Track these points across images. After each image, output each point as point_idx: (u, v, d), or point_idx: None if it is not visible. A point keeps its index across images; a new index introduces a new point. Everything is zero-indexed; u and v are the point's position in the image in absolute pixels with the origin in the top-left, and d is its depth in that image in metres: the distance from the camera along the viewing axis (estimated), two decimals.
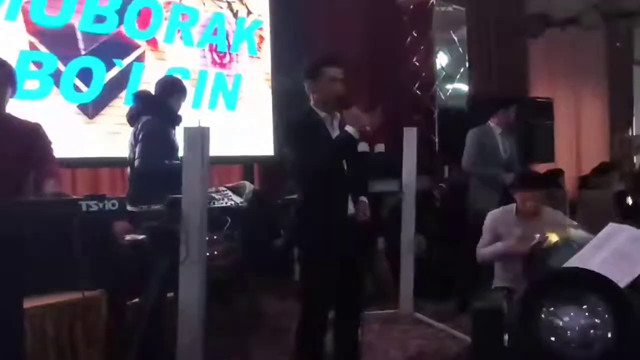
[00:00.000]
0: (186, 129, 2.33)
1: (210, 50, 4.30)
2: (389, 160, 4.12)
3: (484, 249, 2.88)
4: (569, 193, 5.78)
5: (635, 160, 6.95)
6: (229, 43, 4.42)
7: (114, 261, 2.63)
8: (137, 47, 3.84)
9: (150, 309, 2.43)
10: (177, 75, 3.35)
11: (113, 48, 3.68)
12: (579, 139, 7.28)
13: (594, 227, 2.72)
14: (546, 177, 2.95)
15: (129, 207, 2.19)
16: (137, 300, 2.78)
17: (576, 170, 6.93)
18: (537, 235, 2.64)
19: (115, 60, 3.71)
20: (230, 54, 4.43)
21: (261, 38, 4.69)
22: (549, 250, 2.62)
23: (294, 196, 3.41)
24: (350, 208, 2.35)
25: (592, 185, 5.96)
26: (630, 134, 7.89)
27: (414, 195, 3.59)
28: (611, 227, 2.11)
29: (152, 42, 3.94)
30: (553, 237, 2.63)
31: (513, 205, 2.90)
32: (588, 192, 5.87)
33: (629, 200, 4.96)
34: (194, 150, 2.30)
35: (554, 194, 4.91)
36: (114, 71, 3.70)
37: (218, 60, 4.36)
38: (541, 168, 5.34)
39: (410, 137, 3.57)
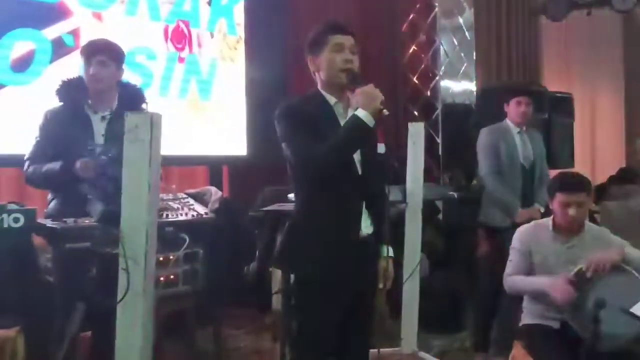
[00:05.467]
0: (128, 116, 1.87)
1: (183, 27, 3.86)
2: (389, 163, 3.69)
3: (518, 279, 2.49)
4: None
5: None
6: (203, 20, 3.99)
7: (31, 292, 2.15)
8: (69, 14, 3.28)
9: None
10: None
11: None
12: (594, 141, 7.02)
13: None
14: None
15: (44, 221, 1.71)
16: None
17: (591, 177, 6.64)
18: (582, 264, 2.29)
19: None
20: (205, 33, 4.00)
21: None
22: (599, 277, 2.27)
23: (275, 207, 2.97)
24: (366, 226, 1.94)
25: (612, 196, 5.66)
26: None
27: (420, 207, 3.17)
28: None
29: (97, 14, 3.46)
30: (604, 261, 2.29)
31: (549, 220, 2.53)
32: (609, 204, 5.55)
33: None
34: (138, 145, 1.84)
35: None
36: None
37: (191, 40, 3.92)
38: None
39: (416, 133, 3.14)
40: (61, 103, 2.40)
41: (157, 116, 1.89)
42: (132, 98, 2.45)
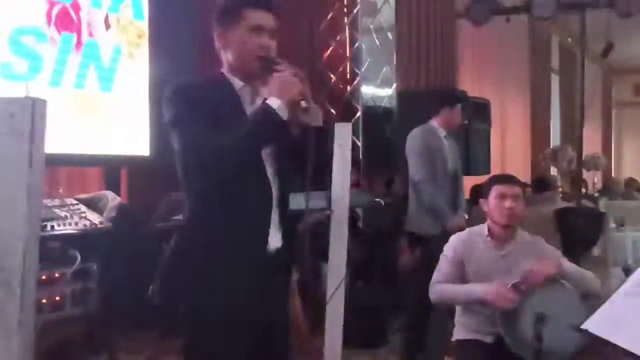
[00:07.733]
0: (2, 101, 1.51)
1: (71, 11, 3.42)
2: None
3: (448, 287, 2.42)
4: None
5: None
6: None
7: None
8: None
9: None
10: None
11: None
12: (504, 148, 7.32)
13: None
14: None
15: None
16: None
17: None
18: (517, 273, 2.25)
19: None
20: (100, 23, 3.59)
21: None
22: (534, 290, 2.23)
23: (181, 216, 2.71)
24: (276, 240, 1.63)
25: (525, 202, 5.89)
26: (550, 146, 8.18)
27: (347, 215, 3.00)
28: None
29: None
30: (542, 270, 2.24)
31: (483, 226, 2.48)
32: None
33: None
34: (15, 138, 1.49)
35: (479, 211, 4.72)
36: None
37: (80, 27, 3.48)
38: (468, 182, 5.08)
39: (343, 135, 2.96)
40: None
41: (41, 103, 1.54)
42: None
